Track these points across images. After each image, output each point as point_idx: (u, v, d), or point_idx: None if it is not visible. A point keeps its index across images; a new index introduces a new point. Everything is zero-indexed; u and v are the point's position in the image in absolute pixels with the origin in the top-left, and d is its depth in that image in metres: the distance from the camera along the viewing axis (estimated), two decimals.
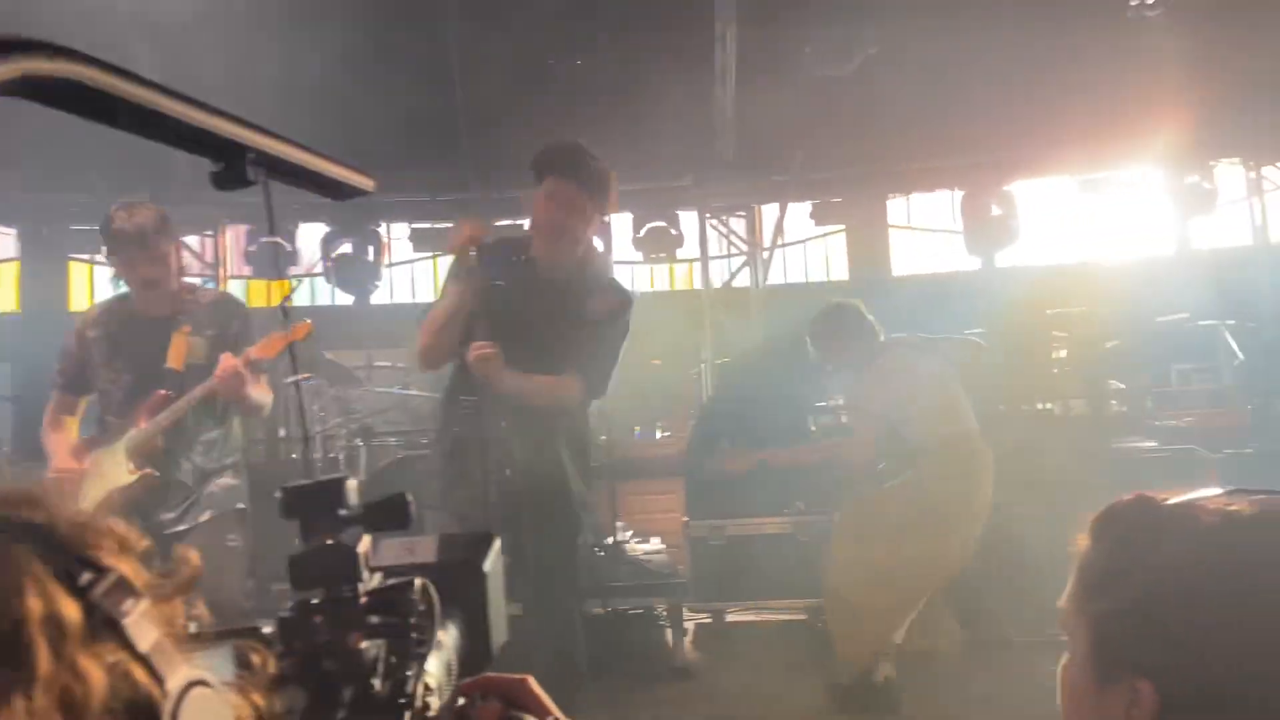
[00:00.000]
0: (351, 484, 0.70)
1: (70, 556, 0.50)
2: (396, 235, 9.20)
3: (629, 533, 6.13)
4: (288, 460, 6.41)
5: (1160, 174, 8.19)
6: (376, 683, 0.64)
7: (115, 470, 3.42)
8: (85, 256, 8.84)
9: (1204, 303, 7.24)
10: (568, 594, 3.43)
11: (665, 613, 5.18)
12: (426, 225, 8.74)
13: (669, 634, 5.14)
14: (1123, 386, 6.72)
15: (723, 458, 5.16)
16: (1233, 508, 0.84)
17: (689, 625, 5.39)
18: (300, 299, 9.35)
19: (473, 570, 0.84)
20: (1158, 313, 7.15)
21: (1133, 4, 6.90)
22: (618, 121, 7.38)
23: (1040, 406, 6.87)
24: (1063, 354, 6.81)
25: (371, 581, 0.69)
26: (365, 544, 0.69)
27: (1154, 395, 7.07)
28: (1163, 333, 7.11)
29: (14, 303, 9.22)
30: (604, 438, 5.70)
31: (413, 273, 9.81)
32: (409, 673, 0.67)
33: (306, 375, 5.91)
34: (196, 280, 3.83)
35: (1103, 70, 7.18)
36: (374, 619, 0.66)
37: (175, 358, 3.52)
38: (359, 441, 5.91)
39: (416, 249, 8.95)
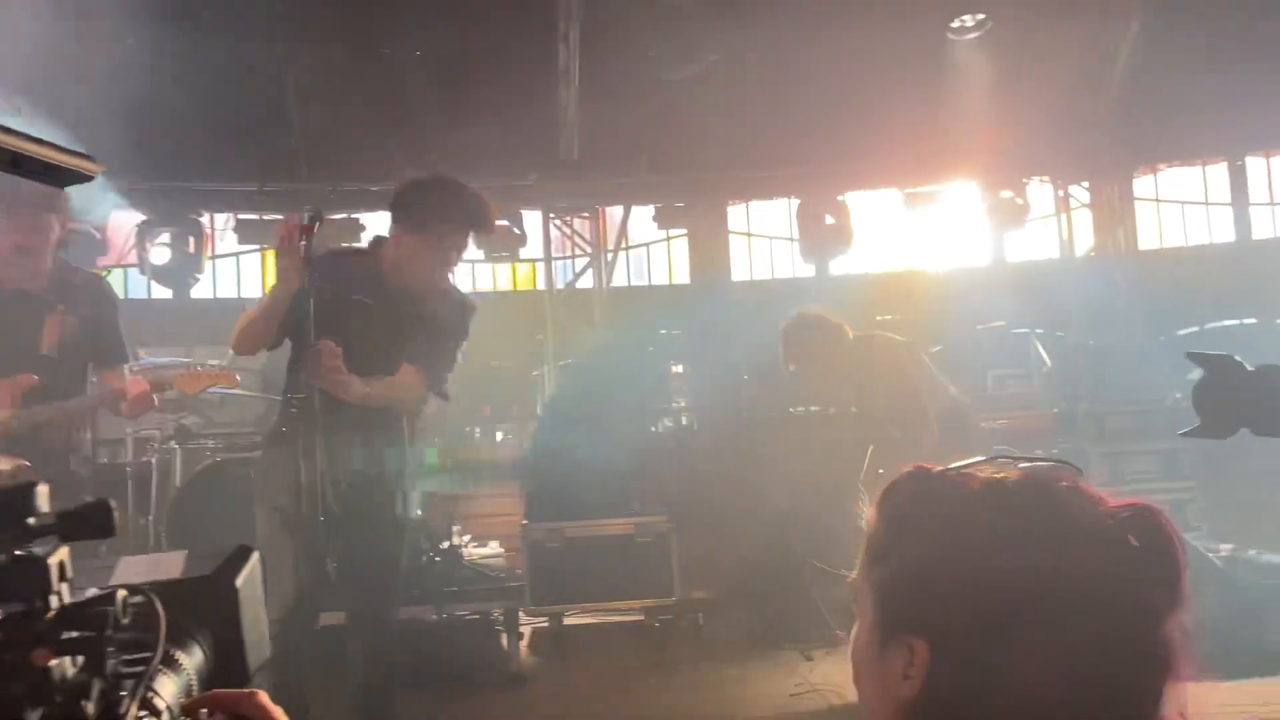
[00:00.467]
0: (42, 490, 0.63)
1: None
2: (221, 226, 8.72)
3: (466, 537, 6.00)
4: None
5: (977, 190, 8.68)
6: (89, 706, 0.60)
7: None
8: None
9: (1017, 311, 7.72)
10: (386, 601, 3.31)
11: (501, 618, 5.08)
12: (253, 217, 8.31)
13: (504, 639, 5.05)
14: None
15: None
16: (998, 474, 0.89)
17: (525, 630, 5.31)
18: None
19: (223, 586, 0.78)
20: (977, 320, 7.57)
21: (954, 25, 7.30)
22: (458, 115, 7.25)
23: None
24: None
25: (68, 596, 0.62)
26: (61, 555, 0.63)
27: (973, 399, 7.48)
28: (981, 339, 7.53)
29: None
30: (437, 440, 5.56)
31: (238, 266, 9.31)
32: (122, 693, 0.62)
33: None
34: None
35: (927, 89, 7.56)
36: (67, 635, 0.60)
37: (49, 339, 3.36)
38: (174, 444, 5.53)
39: (242, 241, 8.49)
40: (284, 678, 2.81)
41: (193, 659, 0.71)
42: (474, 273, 9.28)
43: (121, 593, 0.63)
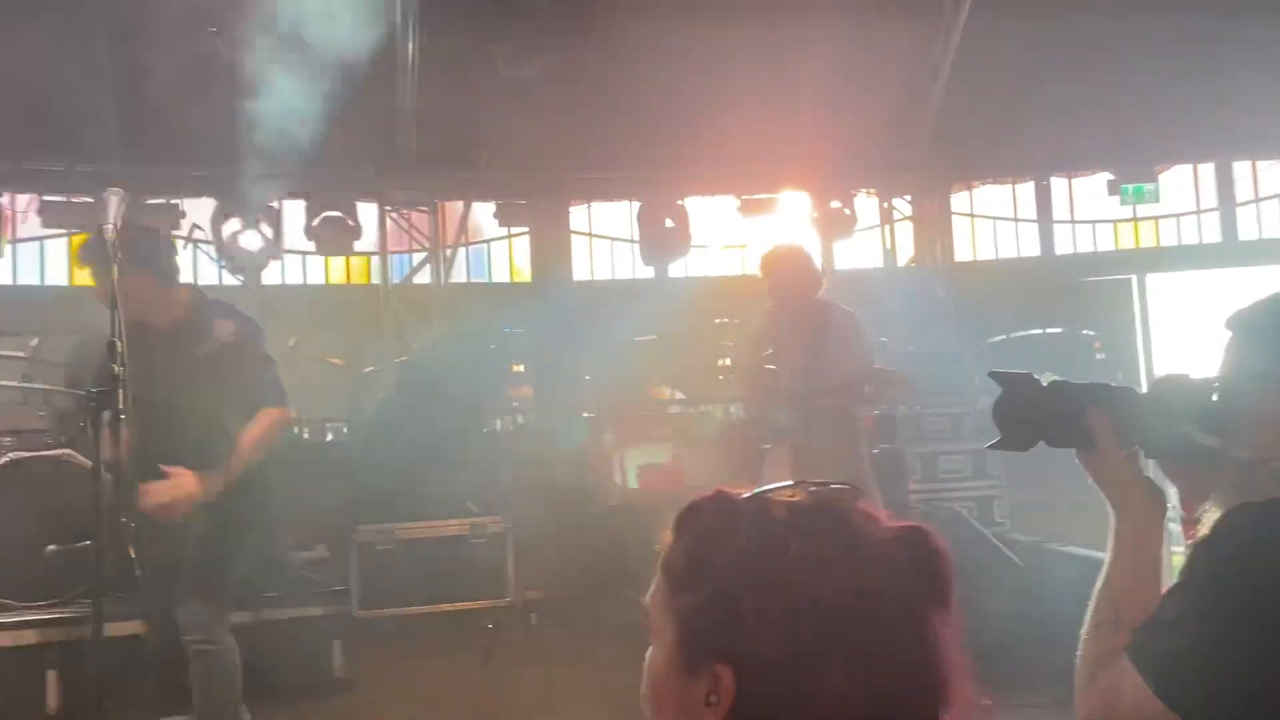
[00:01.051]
0: None
1: None
2: (22, 208, 8.06)
3: (290, 540, 5.77)
4: None
5: (809, 199, 9.01)
6: None
7: None
8: None
9: None
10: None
11: (327, 622, 4.92)
12: (60, 199, 7.72)
13: (334, 645, 4.89)
14: None
15: None
16: (795, 498, 0.90)
17: (351, 634, 5.16)
18: None
19: None
20: None
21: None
22: (303, 109, 6.96)
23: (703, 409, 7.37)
24: (728, 361, 7.32)
25: None
26: None
27: None
28: None
29: None
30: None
31: (42, 250, 8.63)
32: None
33: None
34: None
35: (761, 98, 7.79)
36: None
37: None
38: None
39: (46, 224, 7.87)
40: None
41: None
42: (305, 264, 8.94)
43: None
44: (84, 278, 8.58)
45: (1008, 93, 8.12)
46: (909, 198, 9.62)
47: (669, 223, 8.71)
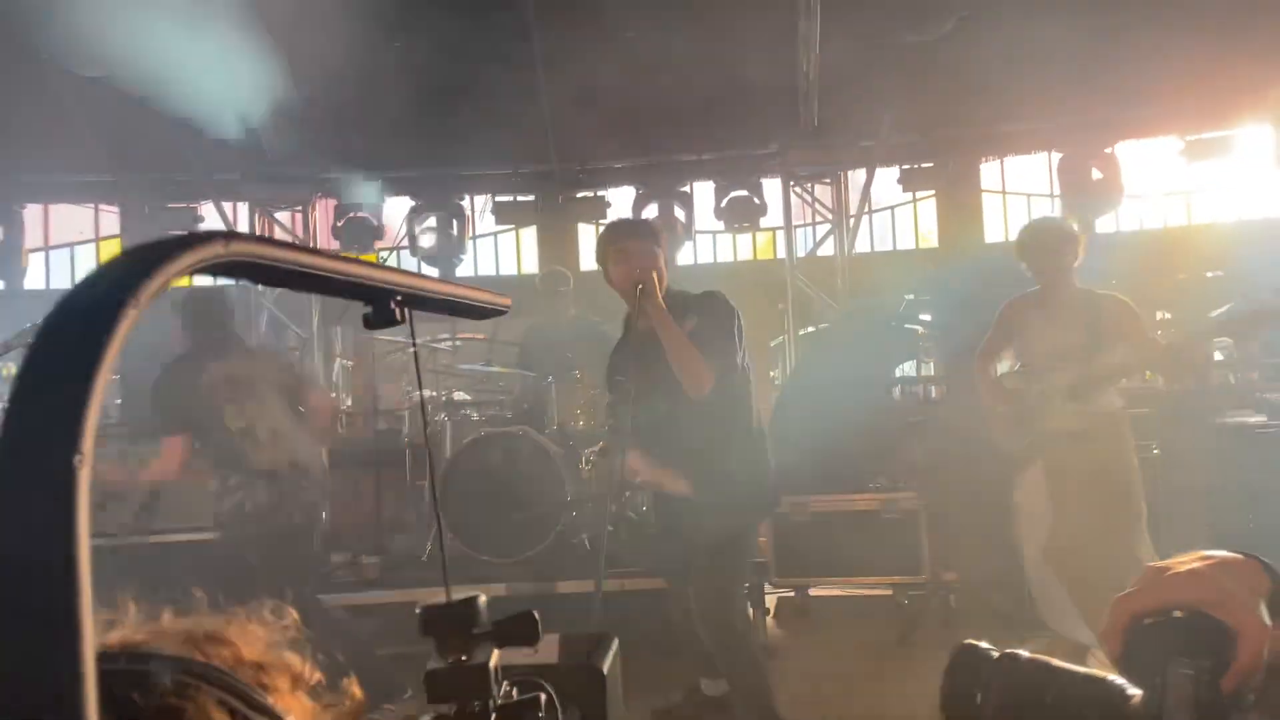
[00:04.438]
0: (482, 601, 0.74)
1: (247, 702, 0.56)
2: (479, 209, 9.28)
3: None
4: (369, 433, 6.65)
5: (1270, 134, 7.71)
6: None
7: None
8: (180, 232, 9.11)
9: None
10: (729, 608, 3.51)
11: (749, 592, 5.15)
12: (508, 199, 8.78)
13: (750, 611, 5.12)
14: (1221, 358, 6.39)
15: None
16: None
17: (770, 603, 5.37)
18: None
19: (593, 672, 0.88)
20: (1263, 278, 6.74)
21: None
22: (698, 91, 7.29)
23: (1146, 377, 6.60)
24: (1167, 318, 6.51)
25: (500, 695, 0.73)
26: (495, 658, 0.73)
27: (1261, 367, 6.70)
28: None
29: None
30: None
31: (496, 244, 9.90)
32: None
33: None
34: None
35: (1196, 25, 6.76)
36: None
37: None
38: (444, 416, 5.99)
39: (499, 222, 9.00)
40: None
41: None
42: (715, 243, 9.34)
43: (544, 696, 0.74)
44: (529, 267, 9.66)
45: None
46: None
47: (1096, 173, 7.91)
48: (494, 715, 0.71)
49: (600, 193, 8.68)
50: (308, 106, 7.36)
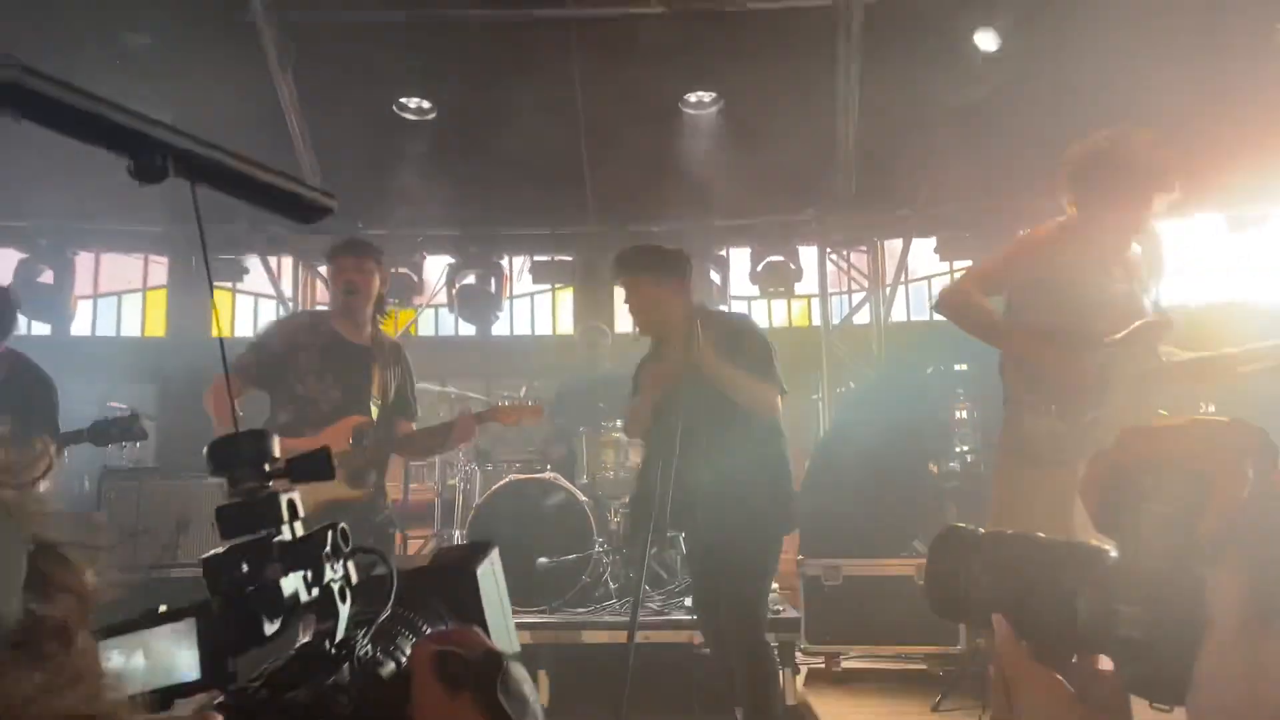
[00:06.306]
0: (274, 438, 0.72)
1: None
2: (518, 269, 9.39)
3: None
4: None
5: None
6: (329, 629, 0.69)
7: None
8: (228, 284, 9.32)
9: None
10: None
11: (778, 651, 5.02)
12: (546, 258, 8.88)
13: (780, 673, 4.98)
14: None
15: None
16: None
17: (801, 668, 5.22)
18: (424, 328, 9.60)
19: (465, 574, 0.83)
20: None
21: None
22: (736, 155, 7.39)
23: None
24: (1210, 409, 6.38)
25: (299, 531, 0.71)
26: (292, 494, 0.71)
27: None
28: None
29: (162, 328, 9.78)
30: None
31: (532, 304, 9.98)
32: (345, 618, 0.70)
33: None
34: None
35: (1246, 99, 6.76)
36: (294, 560, 0.68)
37: (379, 390, 3.89)
38: (474, 466, 5.98)
39: (536, 281, 9.09)
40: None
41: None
42: (750, 308, 9.36)
43: (341, 525, 0.72)
44: (565, 327, 9.72)
45: None
46: None
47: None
48: (276, 546, 0.68)
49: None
50: (353, 163, 7.55)
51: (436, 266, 9.00)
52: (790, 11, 6.98)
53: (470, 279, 8.76)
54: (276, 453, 0.72)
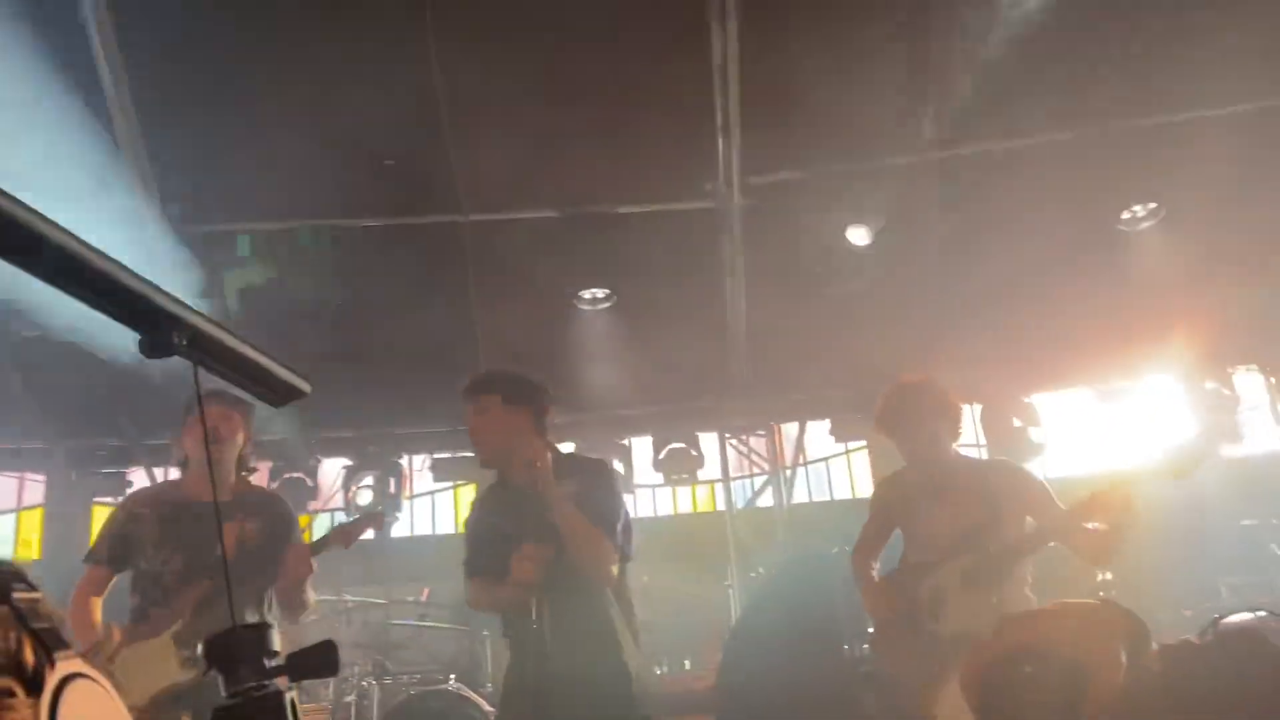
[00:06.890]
0: (274, 631, 0.68)
1: None
2: (418, 467, 9.23)
3: None
4: None
5: (1177, 382, 8.17)
6: None
7: (163, 664, 3.23)
8: (110, 500, 8.87)
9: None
10: None
11: None
12: (447, 455, 8.77)
13: None
14: None
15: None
16: None
17: None
18: (320, 533, 9.23)
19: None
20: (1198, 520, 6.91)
21: (1124, 217, 7.17)
22: (635, 347, 7.59)
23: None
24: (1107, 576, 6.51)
25: None
26: (293, 694, 0.66)
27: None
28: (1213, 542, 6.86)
29: (35, 549, 9.18)
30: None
31: (433, 503, 9.76)
32: None
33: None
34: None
35: (1101, 282, 7.35)
36: None
37: (235, 546, 3.42)
38: (371, 681, 5.64)
39: (437, 479, 8.94)
40: None
41: None
42: (654, 497, 9.35)
43: None
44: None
45: None
46: None
47: (1016, 422, 8.23)
48: None
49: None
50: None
51: (332, 470, 8.78)
52: (676, 214, 7.38)
53: (368, 480, 8.56)
54: (277, 646, 0.67)
